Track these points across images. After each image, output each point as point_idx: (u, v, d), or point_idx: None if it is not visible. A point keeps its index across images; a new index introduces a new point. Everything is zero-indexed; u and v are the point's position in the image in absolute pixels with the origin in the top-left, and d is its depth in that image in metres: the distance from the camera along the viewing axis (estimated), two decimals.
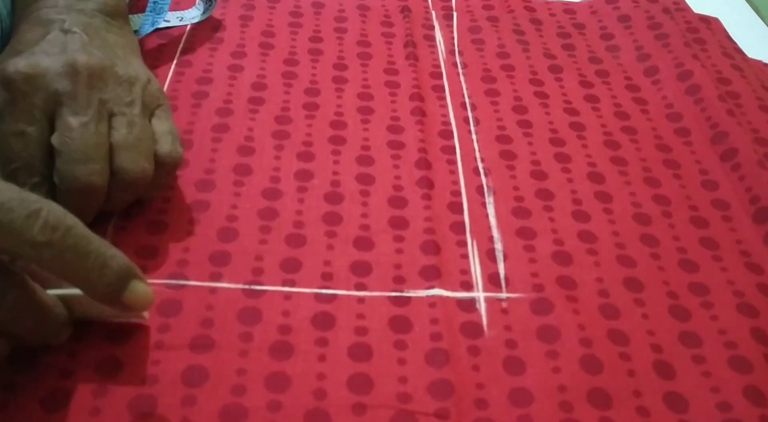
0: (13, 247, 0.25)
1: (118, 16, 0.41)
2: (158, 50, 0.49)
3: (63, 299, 0.29)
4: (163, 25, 0.50)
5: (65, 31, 0.37)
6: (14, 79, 0.33)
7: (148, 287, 0.28)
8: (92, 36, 0.37)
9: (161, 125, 0.36)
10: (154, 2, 0.48)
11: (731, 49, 0.55)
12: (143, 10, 0.49)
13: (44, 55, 0.35)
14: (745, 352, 0.34)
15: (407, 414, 0.30)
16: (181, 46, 0.49)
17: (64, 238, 0.26)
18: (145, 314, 0.31)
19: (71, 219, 0.26)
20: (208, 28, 0.51)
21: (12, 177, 0.33)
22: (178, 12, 0.52)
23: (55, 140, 0.33)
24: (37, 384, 0.29)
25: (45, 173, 0.33)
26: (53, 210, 0.26)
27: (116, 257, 0.27)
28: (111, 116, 0.34)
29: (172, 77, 0.46)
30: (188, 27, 0.51)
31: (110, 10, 0.41)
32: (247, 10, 0.54)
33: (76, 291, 0.28)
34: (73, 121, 0.33)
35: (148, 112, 0.36)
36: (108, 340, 0.31)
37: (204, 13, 0.52)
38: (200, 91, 0.46)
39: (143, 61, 0.41)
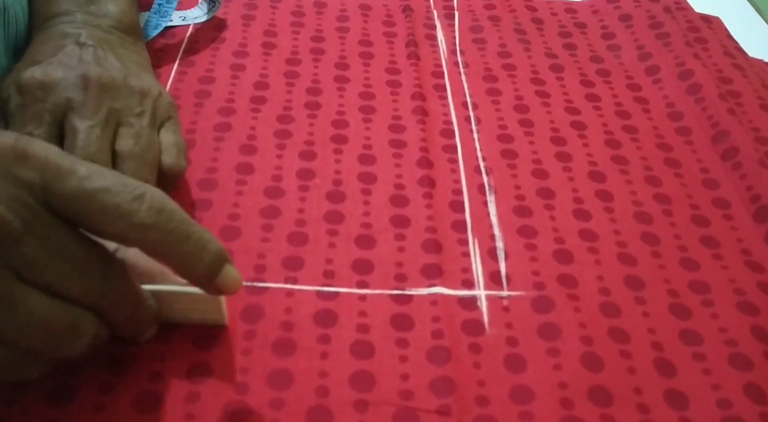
0: (120, 230, 0.26)
1: (132, 32, 0.42)
2: (161, 50, 0.49)
3: (153, 295, 0.30)
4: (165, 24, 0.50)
5: (80, 45, 0.38)
6: (28, 84, 0.34)
7: (238, 272, 0.29)
8: (107, 51, 0.38)
9: (168, 137, 0.37)
10: (159, 5, 0.48)
11: (732, 49, 0.55)
12: (148, 9, 0.49)
13: (60, 66, 0.36)
14: (746, 350, 0.34)
15: (409, 411, 0.30)
16: (183, 45, 0.50)
17: (169, 221, 0.26)
18: (226, 319, 0.32)
19: (172, 203, 0.27)
20: (210, 28, 0.52)
21: None
22: (180, 12, 0.52)
23: (65, 146, 0.33)
24: (43, 380, 0.29)
25: None
26: (155, 194, 0.26)
27: (213, 241, 0.28)
28: (119, 125, 0.35)
29: (174, 77, 0.47)
30: (191, 27, 0.51)
31: (125, 27, 0.42)
32: (249, 10, 0.54)
33: (165, 288, 0.29)
34: (80, 124, 0.34)
35: (158, 124, 0.37)
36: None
37: (208, 13, 0.52)
38: (203, 91, 0.46)
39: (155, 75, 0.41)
